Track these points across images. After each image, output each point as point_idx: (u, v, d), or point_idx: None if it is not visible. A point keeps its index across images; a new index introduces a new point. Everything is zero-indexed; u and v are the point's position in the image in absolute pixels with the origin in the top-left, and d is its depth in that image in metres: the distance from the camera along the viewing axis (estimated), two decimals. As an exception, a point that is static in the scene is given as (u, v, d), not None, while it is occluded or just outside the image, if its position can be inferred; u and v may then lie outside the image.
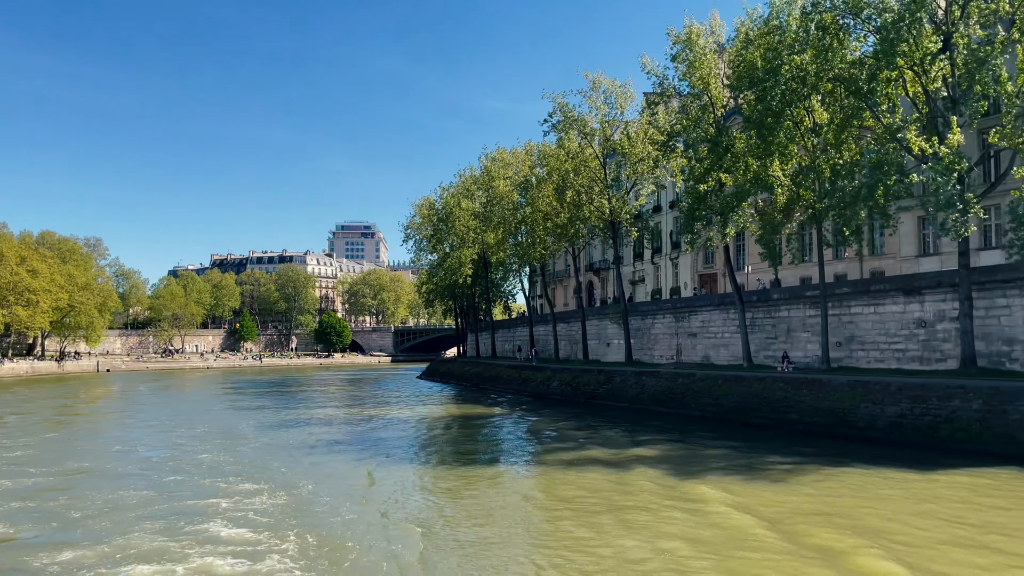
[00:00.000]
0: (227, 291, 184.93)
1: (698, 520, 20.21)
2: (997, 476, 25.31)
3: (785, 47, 38.12)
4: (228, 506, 22.55)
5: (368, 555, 17.52)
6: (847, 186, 36.62)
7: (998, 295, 36.04)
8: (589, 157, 59.60)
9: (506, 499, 23.97)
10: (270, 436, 39.55)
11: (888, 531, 18.70)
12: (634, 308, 63.44)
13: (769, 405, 40.11)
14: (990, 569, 15.70)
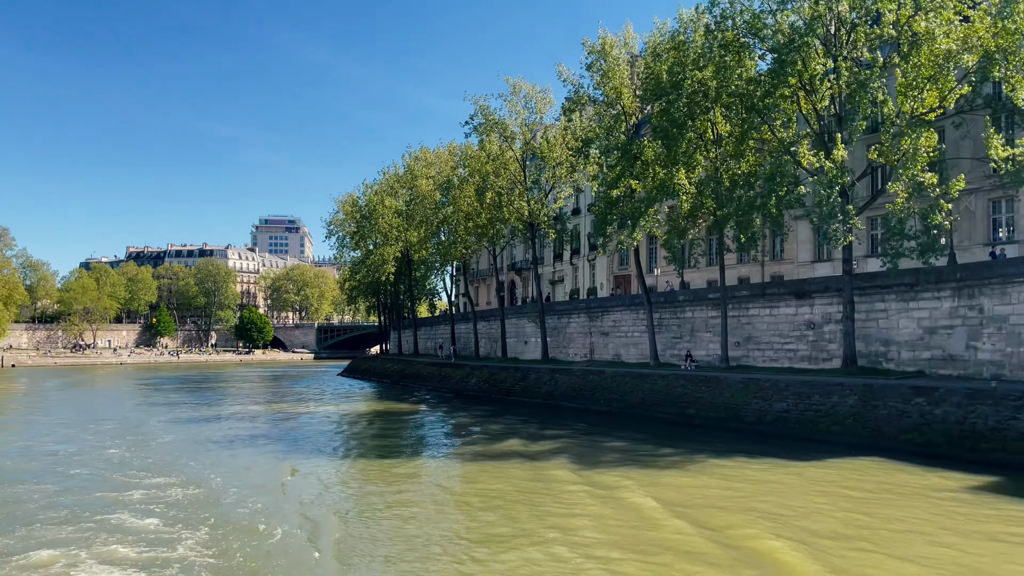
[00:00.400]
0: (143, 285, 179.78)
1: (597, 503, 21.84)
2: (862, 464, 27.75)
3: (689, 62, 40.31)
4: (139, 497, 22.96)
5: (282, 543, 18.32)
6: (744, 195, 39.03)
7: (877, 300, 39.06)
8: (509, 160, 61.09)
9: (423, 489, 25.11)
10: (183, 432, 39.56)
11: (763, 511, 20.68)
12: (551, 308, 65.33)
13: (671, 401, 42.36)
14: (844, 537, 17.71)
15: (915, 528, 19.13)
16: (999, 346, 33.17)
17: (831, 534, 18.44)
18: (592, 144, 49.00)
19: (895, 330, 38.25)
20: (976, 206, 43.24)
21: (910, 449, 29.61)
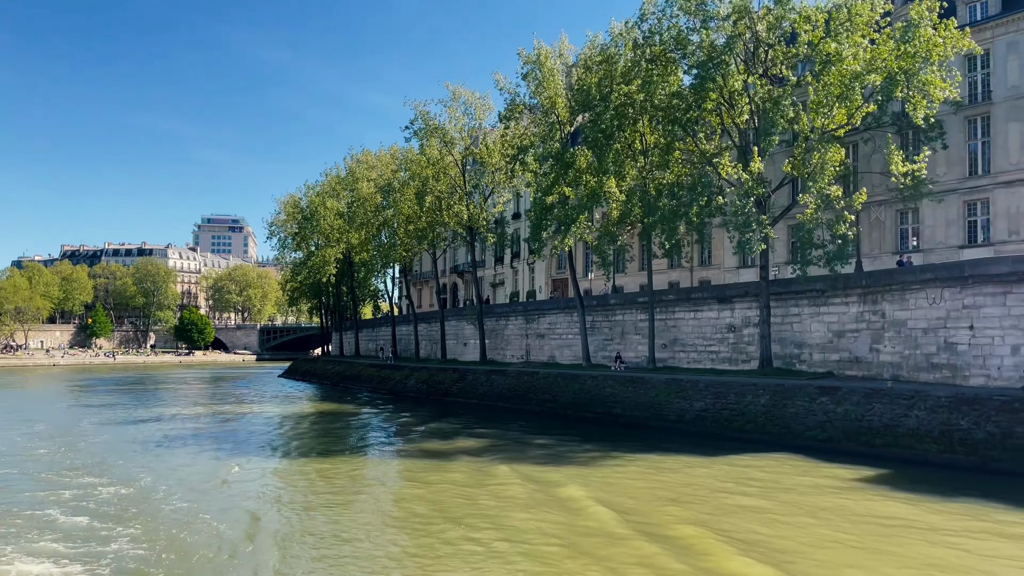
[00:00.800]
0: (78, 284, 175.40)
1: (525, 494, 23.15)
2: (767, 460, 29.62)
3: (618, 75, 42.00)
4: (69, 496, 23.42)
5: (215, 538, 19.04)
6: (667, 204, 40.84)
7: (792, 305, 41.27)
8: (449, 164, 62.12)
9: (354, 486, 26.09)
10: (115, 432, 39.64)
11: (675, 500, 22.22)
12: (489, 310, 66.57)
13: (599, 401, 43.98)
14: (735, 514, 19.30)
15: (796, 514, 20.91)
16: (898, 349, 35.55)
17: (727, 524, 20.06)
18: (527, 151, 50.36)
19: (807, 333, 40.50)
20: (885, 217, 45.95)
21: (814, 445, 31.65)
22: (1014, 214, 40.62)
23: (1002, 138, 41.24)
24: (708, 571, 16.16)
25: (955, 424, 28.50)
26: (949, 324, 32.99)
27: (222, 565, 16.91)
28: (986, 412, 28.11)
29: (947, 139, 42.59)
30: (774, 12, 38.83)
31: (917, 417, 29.83)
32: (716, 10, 39.69)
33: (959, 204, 42.92)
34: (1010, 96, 41.02)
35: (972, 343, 32.01)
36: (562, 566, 16.54)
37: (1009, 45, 41.23)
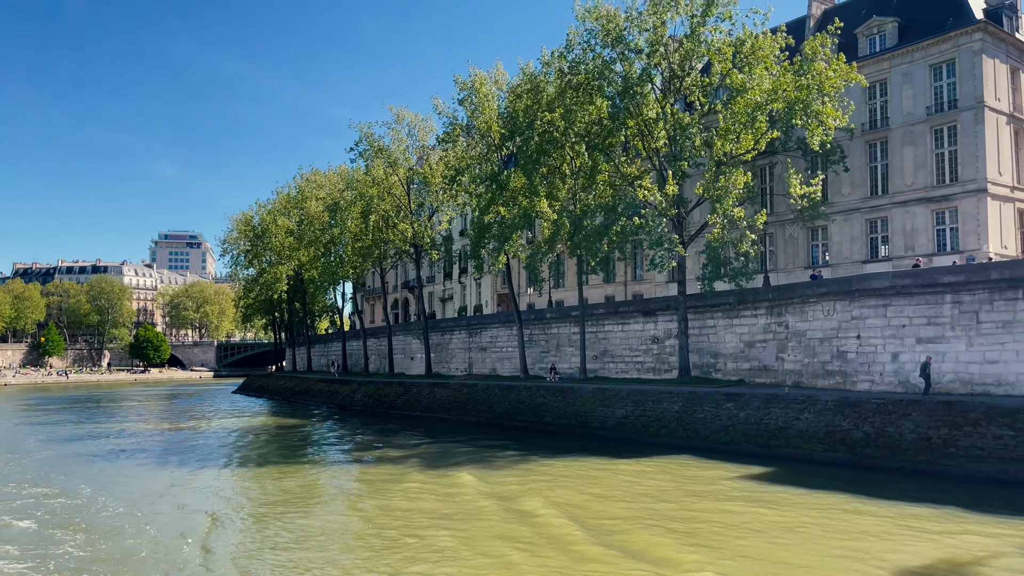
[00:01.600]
0: (30, 303, 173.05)
1: (450, 495, 25.30)
2: (671, 461, 32.18)
3: (544, 103, 44.55)
4: (16, 506, 24.92)
5: (153, 541, 20.74)
6: (590, 224, 43.38)
7: (708, 317, 44.04)
8: (394, 184, 64.17)
9: (294, 490, 27.94)
10: (62, 448, 40.87)
11: (587, 495, 24.53)
12: (435, 325, 68.60)
13: (531, 410, 46.28)
14: (642, 513, 21.64)
15: (679, 504, 23.36)
16: (799, 357, 38.41)
17: (613, 514, 22.41)
18: (464, 173, 52.66)
19: (722, 344, 43.27)
20: (798, 234, 49.06)
21: (719, 447, 34.30)
22: (909, 231, 43.91)
23: (898, 161, 44.58)
24: (615, 545, 18.44)
25: (838, 425, 31.31)
26: (840, 334, 35.90)
27: (156, 563, 18.70)
28: (864, 414, 30.97)
29: (850, 162, 45.93)
30: (686, 45, 41.72)
31: (806, 420, 32.61)
32: (634, 42, 42.48)
33: (862, 222, 46.16)
34: (905, 122, 44.40)
35: (859, 351, 34.94)
36: (494, 548, 18.74)
37: (903, 75, 44.66)
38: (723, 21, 40.95)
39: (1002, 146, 42.06)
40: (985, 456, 26.57)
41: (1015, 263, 31.30)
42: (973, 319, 31.16)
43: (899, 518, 21.23)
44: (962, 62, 42.06)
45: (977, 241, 40.70)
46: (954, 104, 42.31)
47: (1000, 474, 25.74)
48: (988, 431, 27.12)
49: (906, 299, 33.34)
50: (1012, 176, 42.74)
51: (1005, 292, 30.42)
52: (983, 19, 42.25)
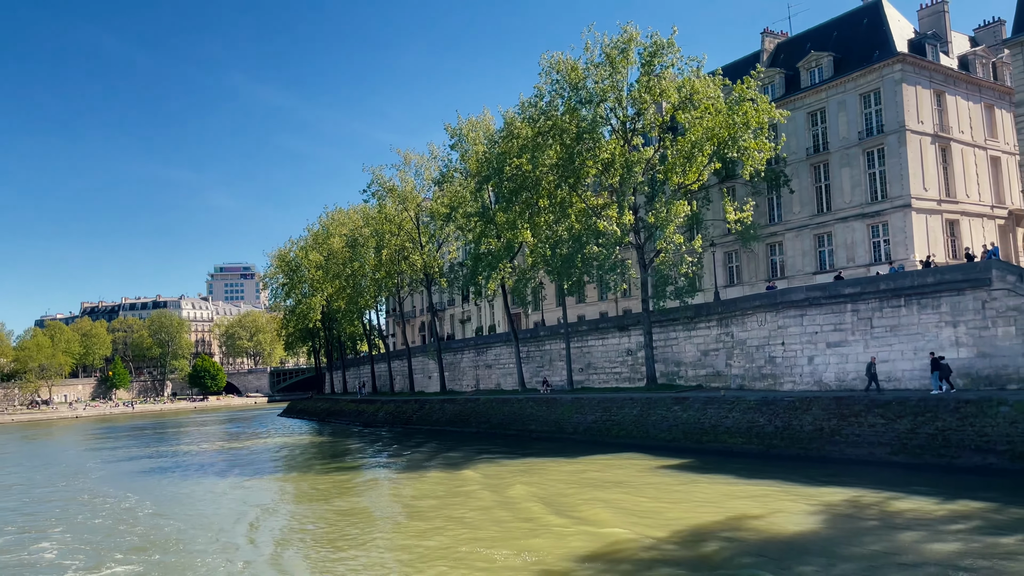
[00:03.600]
0: (98, 339, 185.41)
1: (456, 485, 31.39)
2: (619, 457, 37.50)
3: (516, 149, 50.47)
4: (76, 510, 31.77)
5: (217, 524, 27.20)
6: (561, 252, 49.08)
7: (671, 330, 49.25)
8: (405, 220, 70.83)
9: (325, 486, 34.46)
10: (136, 464, 48.52)
11: (552, 483, 30.35)
12: (447, 346, 74.86)
13: (521, 420, 52.03)
14: (586, 494, 27.36)
15: (612, 488, 28.96)
16: (742, 363, 43.39)
17: (568, 494, 28.21)
18: (458, 209, 58.91)
19: (683, 353, 48.43)
20: (759, 249, 53.89)
21: (665, 445, 39.52)
22: (849, 244, 48.47)
23: (838, 181, 49.24)
24: (579, 516, 24.25)
25: (756, 421, 36.38)
26: (770, 341, 40.88)
27: (215, 537, 24.98)
28: (776, 411, 35.99)
29: (798, 183, 50.87)
30: (636, 90, 47.26)
31: (733, 418, 37.70)
32: (593, 90, 48.19)
33: (811, 237, 50.85)
34: (841, 146, 49.08)
35: (784, 356, 39.89)
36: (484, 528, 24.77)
37: (839, 104, 49.39)
38: (667, 68, 46.45)
39: (927, 164, 46.45)
40: (860, 442, 31.44)
41: (899, 275, 36.00)
42: (868, 324, 35.98)
43: (741, 489, 26.53)
44: (886, 91, 46.70)
45: (905, 251, 45.15)
46: (881, 128, 46.93)
47: (868, 456, 30.60)
48: (866, 421, 31.98)
49: (818, 309, 38.27)
50: (938, 190, 47.02)
51: (891, 300, 35.19)
52: (904, 51, 46.82)
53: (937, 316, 33.51)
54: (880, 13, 49.59)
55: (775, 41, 57.32)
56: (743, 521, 22.16)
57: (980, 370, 32.00)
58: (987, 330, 31.90)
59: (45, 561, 22.49)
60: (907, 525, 20.21)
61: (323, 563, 20.72)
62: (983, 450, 27.55)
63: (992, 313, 31.76)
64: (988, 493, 23.32)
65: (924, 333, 33.92)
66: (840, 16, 53.26)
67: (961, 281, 32.86)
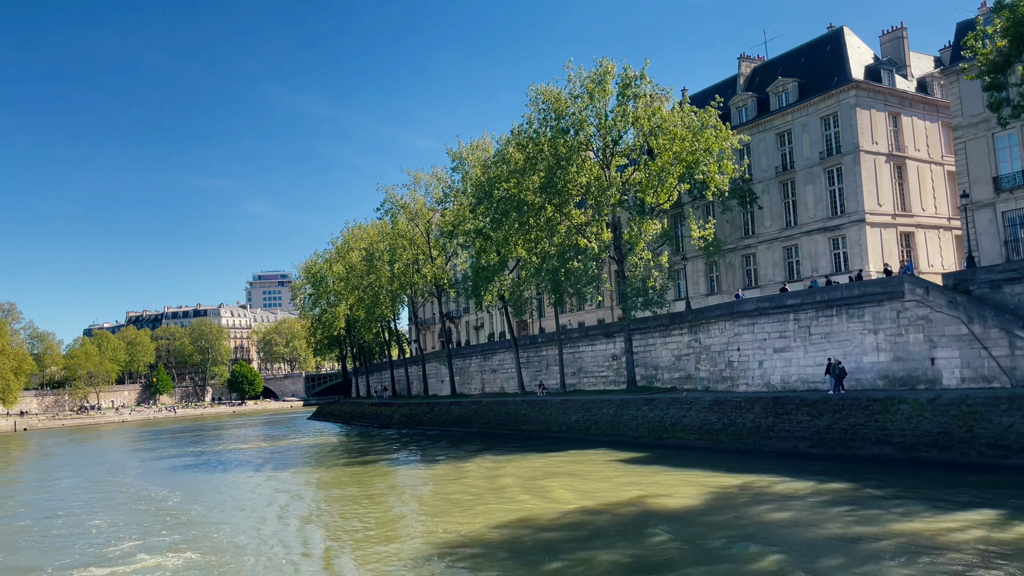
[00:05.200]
0: (142, 347, 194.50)
1: (452, 477, 36.52)
2: (587, 452, 42.14)
3: (506, 174, 55.30)
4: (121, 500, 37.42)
5: (252, 507, 32.61)
6: (546, 266, 53.80)
7: (650, 336, 53.69)
8: (416, 235, 76.19)
9: (344, 477, 39.78)
10: (183, 460, 54.24)
11: (530, 471, 35.30)
12: (457, 352, 80.00)
13: (515, 421, 56.90)
14: (554, 479, 32.25)
15: (577, 475, 33.74)
16: (707, 367, 47.71)
17: (540, 478, 33.08)
18: (459, 227, 64.00)
19: (660, 358, 52.84)
20: (735, 261, 58.02)
21: (633, 441, 44.05)
22: (814, 255, 52.41)
23: (803, 198, 53.22)
24: (573, 490, 29.19)
25: (708, 420, 40.77)
26: (729, 347, 45.20)
27: (249, 516, 30.36)
28: (725, 410, 40.35)
29: (768, 199, 55.01)
30: (611, 119, 51.84)
31: (690, 417, 42.14)
32: (575, 118, 52.87)
33: (780, 249, 54.85)
34: (805, 165, 53.06)
35: (739, 360, 44.19)
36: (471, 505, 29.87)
37: (803, 126, 53.38)
38: (640, 98, 50.93)
39: (881, 181, 50.25)
40: (789, 436, 35.73)
41: (831, 288, 40.12)
42: (807, 332, 40.18)
43: (668, 476, 31.04)
44: (843, 114, 50.62)
45: (861, 262, 49.02)
46: (839, 149, 50.85)
47: (793, 449, 34.89)
48: (795, 418, 36.25)
49: (766, 318, 42.54)
50: (893, 205, 50.77)
51: (825, 310, 39.36)
52: (859, 78, 50.71)
53: (862, 324, 37.63)
54: (841, 41, 53.51)
55: (751, 65, 61.37)
56: (649, 498, 26.84)
57: (896, 372, 36.06)
58: (901, 337, 35.96)
59: (105, 533, 27.72)
60: (767, 500, 24.71)
61: (336, 530, 25.80)
62: (882, 442, 31.73)
63: (905, 322, 35.82)
64: (860, 477, 27.61)
65: (852, 339, 38.06)
66: (808, 43, 57.21)
67: (880, 294, 36.94)
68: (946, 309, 34.17)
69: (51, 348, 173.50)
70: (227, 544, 23.93)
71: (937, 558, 17.26)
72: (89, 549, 24.59)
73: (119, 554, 23.26)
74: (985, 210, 42.66)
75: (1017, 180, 41.13)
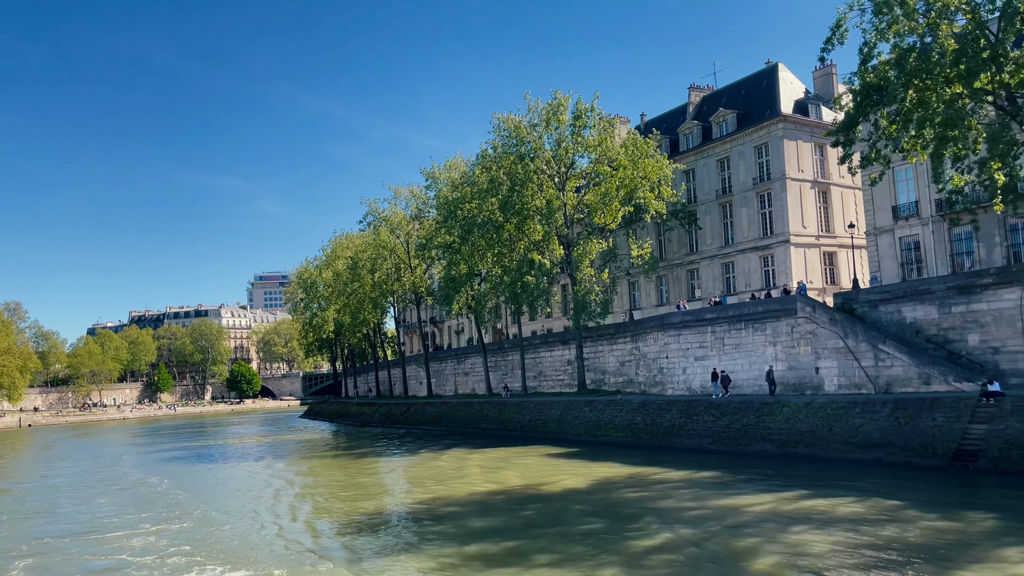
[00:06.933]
0: (144, 347, 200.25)
1: (421, 466, 41.88)
2: (539, 447, 47.25)
3: (471, 195, 60.61)
4: (117, 487, 42.78)
5: (248, 491, 38.02)
6: (506, 281, 59.09)
7: (599, 344, 58.99)
8: (396, 246, 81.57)
9: (328, 466, 45.07)
10: (184, 452, 59.63)
11: (483, 461, 40.66)
12: (434, 355, 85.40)
13: (478, 420, 62.27)
14: (501, 466, 37.60)
15: (515, 466, 39.07)
16: (644, 372, 53.00)
17: (489, 465, 38.44)
18: (432, 240, 69.37)
19: (608, 363, 58.15)
20: (681, 276, 63.31)
21: (574, 439, 49.30)
22: (747, 272, 57.66)
23: (739, 219, 58.46)
24: (492, 478, 34.53)
25: (634, 419, 46.07)
26: (660, 355, 50.50)
27: (243, 497, 35.70)
28: (649, 411, 45.66)
29: (709, 219, 60.26)
30: (559, 153, 57.04)
31: (621, 417, 47.44)
32: (532, 146, 58.20)
33: (719, 265, 60.11)
34: (741, 189, 58.30)
35: (667, 367, 49.49)
36: (429, 486, 35.22)
37: (739, 154, 58.63)
38: (591, 128, 56.20)
39: (806, 206, 55.50)
40: (696, 435, 41.01)
41: (740, 304, 45.42)
42: (721, 343, 45.47)
43: (575, 466, 36.32)
44: (772, 145, 55.88)
45: (787, 279, 54.25)
46: (769, 176, 56.11)
47: (697, 446, 40.16)
48: (702, 419, 41.54)
49: (689, 330, 47.85)
50: (818, 227, 56.01)
51: (736, 324, 44.66)
52: (787, 112, 55.99)
53: (764, 337, 42.93)
54: (775, 76, 58.80)
55: (701, 94, 66.65)
56: (548, 483, 32.32)
57: (790, 379, 41.34)
58: (794, 348, 41.25)
59: (98, 511, 33.09)
60: (637, 485, 30.11)
61: (316, 503, 31.17)
62: (764, 440, 37.01)
63: (797, 335, 41.11)
64: (733, 469, 32.88)
65: (756, 350, 43.36)
66: (749, 76, 62.49)
67: (778, 311, 42.23)
68: (828, 325, 39.46)
69: (55, 347, 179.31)
70: (203, 517, 29.28)
71: (724, 521, 22.53)
72: (81, 519, 29.97)
73: (109, 526, 28.59)
74: (886, 235, 47.87)
75: (912, 209, 46.34)
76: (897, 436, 31.54)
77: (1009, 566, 16.65)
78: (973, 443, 28.94)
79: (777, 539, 20.06)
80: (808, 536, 20.11)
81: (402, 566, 19.97)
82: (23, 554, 23.72)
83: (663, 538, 21.04)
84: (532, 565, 19.17)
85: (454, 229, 60.66)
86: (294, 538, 24.54)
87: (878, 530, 20.18)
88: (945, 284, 37.18)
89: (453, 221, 60.04)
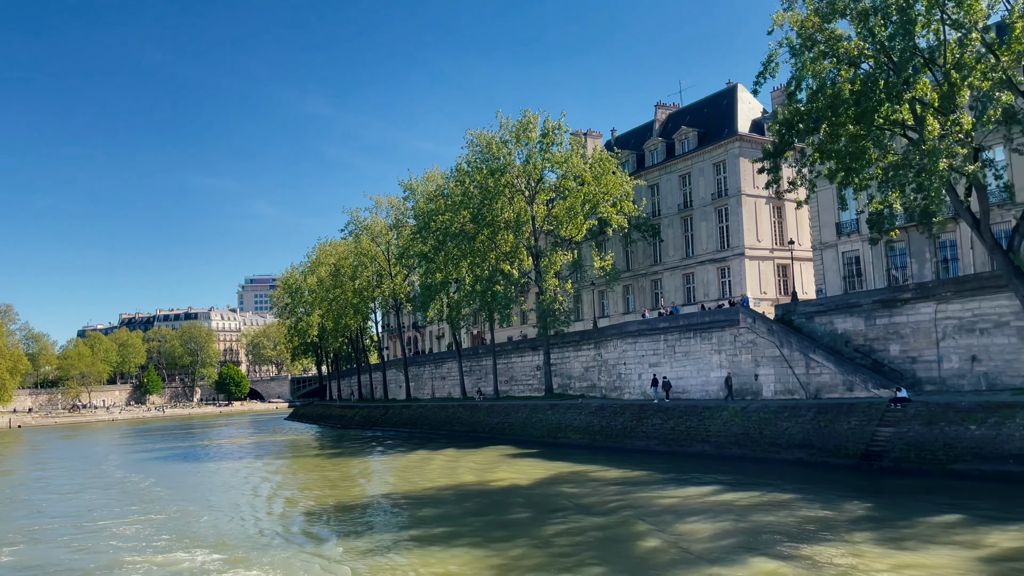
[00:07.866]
0: (133, 349, 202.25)
1: (389, 465, 44.60)
2: (503, 448, 50.03)
3: (445, 207, 63.44)
4: (102, 484, 45.37)
5: (230, 487, 40.70)
6: (478, 290, 61.91)
7: (565, 351, 61.87)
8: (378, 254, 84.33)
9: (308, 463, 47.71)
10: (173, 450, 62.16)
11: (451, 459, 43.41)
12: (413, 360, 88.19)
13: (451, 422, 65.05)
14: (468, 464, 40.34)
15: (481, 464, 41.85)
16: (605, 378, 55.88)
17: (455, 464, 41.19)
18: (409, 249, 72.17)
19: (573, 369, 61.03)
20: (646, 286, 66.27)
21: (536, 440, 52.07)
22: (706, 283, 60.66)
23: (699, 232, 61.47)
24: (449, 475, 37.28)
25: (591, 422, 48.93)
26: (619, 361, 53.38)
27: (225, 492, 38.35)
28: (605, 415, 48.52)
29: (672, 232, 63.25)
30: (528, 169, 59.93)
31: (580, 420, 50.29)
32: (503, 162, 61.06)
33: (680, 276, 63.10)
34: (701, 204, 61.32)
35: (625, 373, 52.39)
36: (400, 482, 37.94)
37: (699, 170, 61.66)
38: (558, 145, 59.14)
39: (761, 220, 58.53)
40: (645, 436, 43.88)
41: (689, 315, 48.38)
42: (673, 350, 48.41)
43: (529, 464, 39.12)
44: (729, 162, 58.93)
45: (742, 289, 57.24)
46: (726, 192, 59.15)
47: (644, 447, 43.04)
48: (651, 422, 44.42)
49: (644, 338, 50.77)
50: (772, 240, 59.04)
51: (686, 333, 47.61)
52: (744, 131, 59.06)
53: (710, 346, 45.89)
54: (734, 96, 61.89)
55: (667, 112, 69.73)
56: (497, 480, 35.23)
57: (733, 385, 44.25)
58: (736, 356, 44.21)
59: (80, 504, 35.72)
60: (574, 481, 33.02)
61: (288, 498, 33.87)
62: (703, 441, 39.91)
63: (739, 344, 44.08)
64: (670, 468, 35.74)
65: (703, 358, 46.31)
66: (711, 95, 65.60)
67: (723, 321, 45.20)
68: (766, 335, 42.44)
69: (45, 348, 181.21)
70: (182, 510, 31.97)
71: (633, 512, 25.38)
72: (67, 511, 32.63)
73: (93, 517, 31.26)
74: (830, 250, 50.92)
75: (852, 227, 49.40)
76: (817, 438, 34.50)
77: (851, 546, 19.54)
78: (880, 444, 31.88)
79: (670, 526, 22.96)
80: (698, 524, 23.02)
81: (354, 547, 22.73)
82: (11, 542, 26.36)
83: (574, 525, 23.91)
84: (455, 546, 22.00)
85: (429, 239, 63.48)
86: (266, 527, 27.27)
87: (762, 517, 23.11)
88: (871, 298, 40.20)
89: (427, 232, 62.90)
